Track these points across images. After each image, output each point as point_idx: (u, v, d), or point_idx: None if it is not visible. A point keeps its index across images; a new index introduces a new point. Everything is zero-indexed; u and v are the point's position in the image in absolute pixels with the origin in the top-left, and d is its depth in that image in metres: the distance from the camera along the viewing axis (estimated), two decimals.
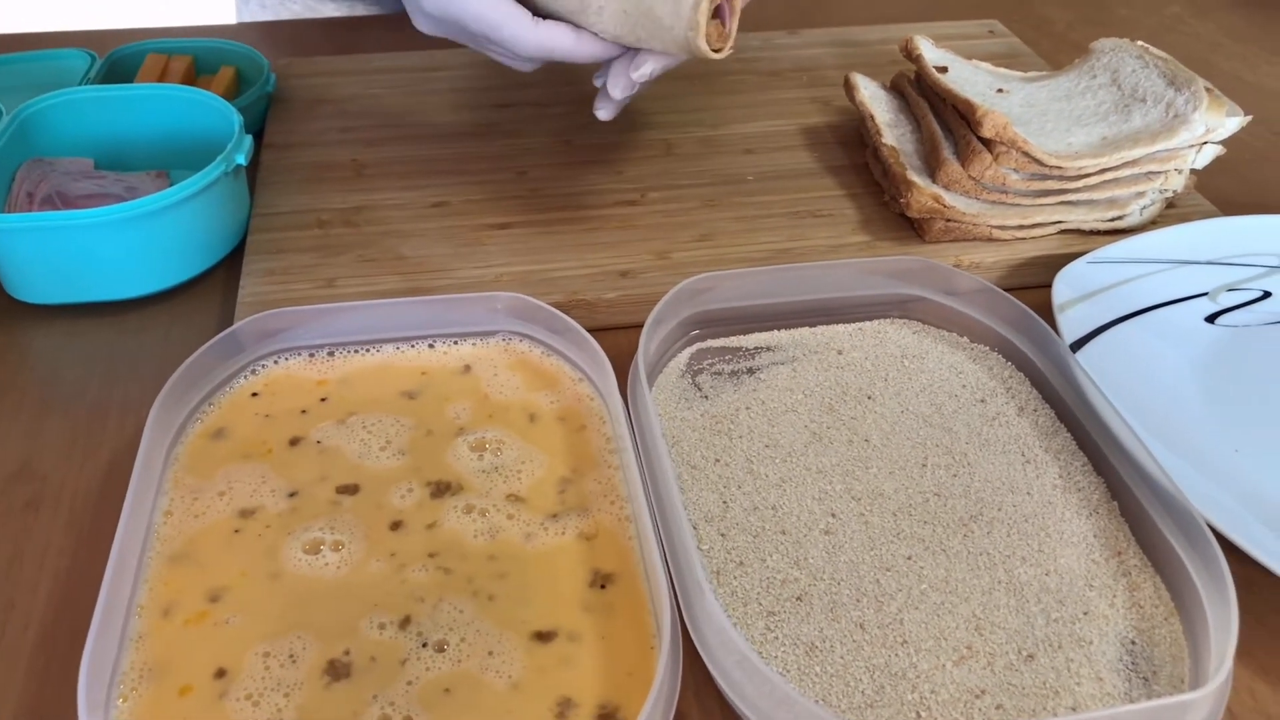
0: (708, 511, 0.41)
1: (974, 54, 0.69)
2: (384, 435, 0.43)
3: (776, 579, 0.38)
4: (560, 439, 0.43)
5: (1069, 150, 0.54)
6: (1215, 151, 0.55)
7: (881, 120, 0.59)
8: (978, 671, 0.35)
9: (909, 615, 0.37)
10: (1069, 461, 0.43)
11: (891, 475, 0.42)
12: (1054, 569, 0.39)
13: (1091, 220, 0.55)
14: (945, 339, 0.50)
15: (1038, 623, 0.37)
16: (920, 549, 0.39)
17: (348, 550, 0.39)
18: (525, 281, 0.51)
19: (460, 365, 0.47)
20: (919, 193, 0.54)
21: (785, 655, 0.36)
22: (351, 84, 0.68)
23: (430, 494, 0.41)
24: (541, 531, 0.39)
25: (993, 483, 0.42)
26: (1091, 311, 0.50)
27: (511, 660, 0.35)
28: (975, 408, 0.46)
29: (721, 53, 0.46)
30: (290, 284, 0.51)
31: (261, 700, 0.34)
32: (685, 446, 0.44)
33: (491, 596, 0.37)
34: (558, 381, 0.46)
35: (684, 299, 0.47)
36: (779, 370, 0.48)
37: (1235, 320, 0.52)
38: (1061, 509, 0.41)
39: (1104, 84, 0.59)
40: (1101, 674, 0.36)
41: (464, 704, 0.34)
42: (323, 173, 0.59)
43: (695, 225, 0.56)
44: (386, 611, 0.36)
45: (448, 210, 0.56)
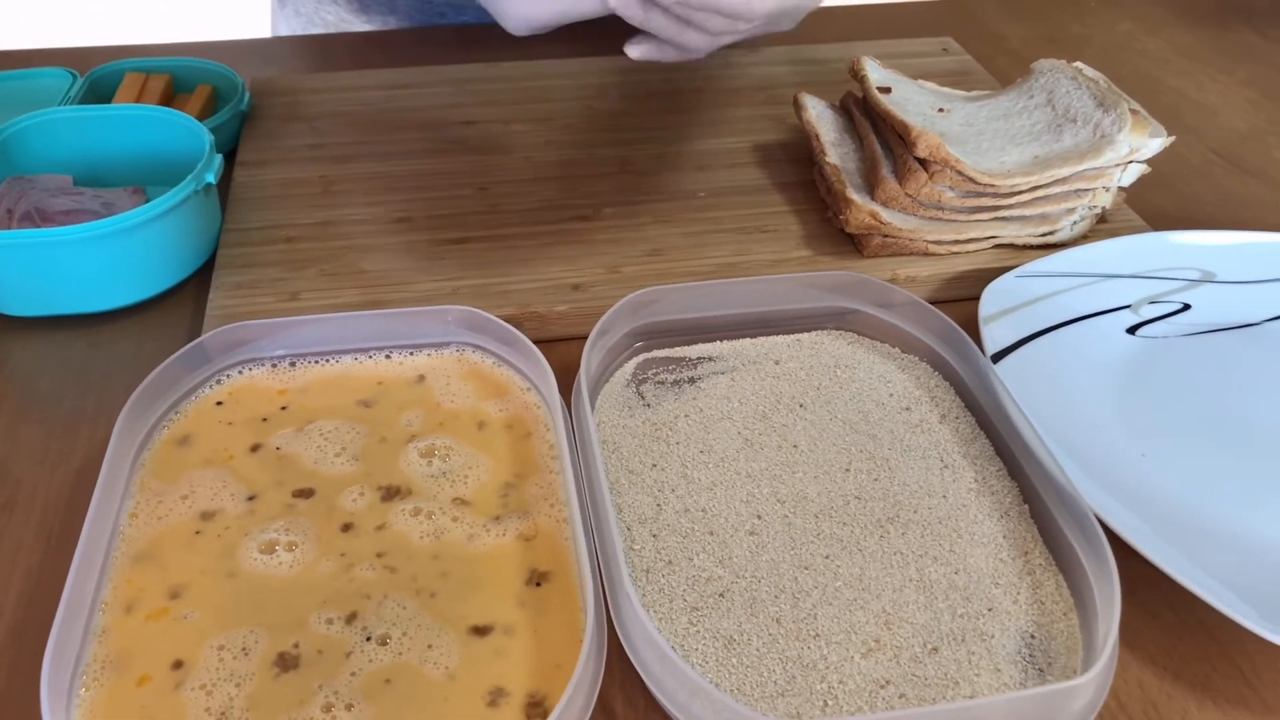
0: (642, 514, 0.43)
1: (928, 71, 0.72)
2: (340, 442, 0.46)
3: (702, 577, 0.41)
4: (506, 446, 0.46)
5: (1002, 168, 0.57)
6: (1140, 170, 0.58)
7: (826, 139, 0.62)
8: (884, 663, 0.38)
9: (823, 611, 0.40)
10: (985, 467, 0.46)
11: (816, 479, 0.45)
12: (963, 568, 0.41)
13: (1024, 235, 0.58)
14: (878, 350, 0.52)
15: (944, 618, 0.40)
16: (838, 549, 0.42)
17: (300, 550, 0.41)
18: (480, 294, 0.54)
19: (415, 375, 0.49)
20: (857, 210, 0.56)
21: (705, 648, 0.38)
22: (323, 102, 0.71)
23: (380, 498, 0.43)
24: (483, 533, 0.42)
25: (911, 486, 0.45)
26: (1016, 323, 0.53)
27: (449, 653, 0.38)
28: (900, 415, 0.48)
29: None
30: (256, 297, 0.54)
31: (214, 690, 0.36)
32: (625, 452, 0.46)
33: (433, 594, 0.40)
34: (507, 391, 0.49)
35: (628, 312, 0.50)
36: (719, 380, 0.50)
37: (1155, 332, 0.55)
38: (975, 512, 0.44)
39: (1040, 104, 0.61)
40: (1000, 665, 0.38)
41: (403, 693, 0.36)
42: (292, 189, 0.62)
43: (646, 240, 0.58)
44: (334, 608, 0.39)
45: (410, 225, 0.59)
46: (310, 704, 0.36)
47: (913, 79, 0.65)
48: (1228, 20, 0.90)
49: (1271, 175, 0.69)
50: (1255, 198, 0.67)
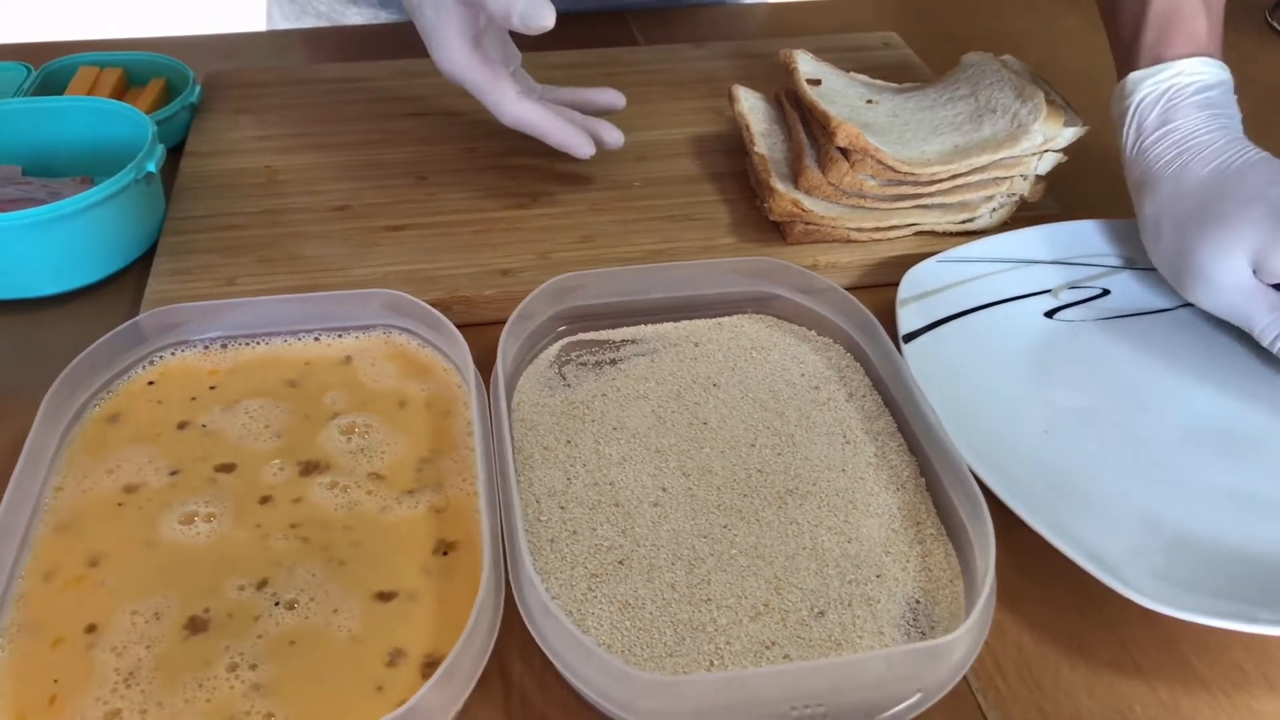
0: (552, 487, 0.45)
1: (868, 65, 0.74)
2: (264, 419, 0.47)
3: (603, 546, 0.42)
4: (426, 423, 0.48)
5: (923, 158, 0.58)
6: (1056, 159, 0.59)
7: (757, 130, 0.63)
8: (772, 626, 0.40)
9: (716, 577, 0.41)
10: (886, 443, 0.47)
11: (722, 454, 0.47)
12: (856, 537, 0.43)
13: (944, 223, 0.59)
14: (795, 333, 0.54)
15: (833, 584, 0.41)
16: (736, 519, 0.44)
17: (218, 521, 0.43)
18: (411, 279, 0.55)
19: (342, 356, 0.51)
20: (780, 198, 0.58)
21: (600, 612, 0.40)
22: (274, 95, 0.72)
23: (300, 472, 0.45)
24: (396, 505, 0.44)
25: (812, 461, 0.46)
26: (932, 306, 0.54)
27: (353, 616, 0.39)
28: (809, 394, 0.50)
29: None
30: (193, 282, 0.55)
31: (125, 651, 0.38)
32: (541, 430, 0.48)
33: (343, 562, 0.41)
34: (430, 371, 0.50)
35: (550, 296, 0.51)
36: (639, 361, 0.52)
37: (1072, 315, 0.56)
38: (872, 484, 0.45)
39: (964, 95, 0.63)
40: (884, 629, 0.40)
41: (306, 654, 0.38)
42: (237, 179, 0.64)
43: (579, 228, 0.60)
44: (247, 575, 0.41)
45: (348, 213, 0.61)
46: (216, 664, 0.37)
47: (845, 72, 0.67)
48: None
49: None
50: None
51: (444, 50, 0.56)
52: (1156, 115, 0.54)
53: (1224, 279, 0.50)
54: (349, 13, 0.88)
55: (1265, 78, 0.83)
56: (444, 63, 0.57)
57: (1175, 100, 0.54)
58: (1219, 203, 0.50)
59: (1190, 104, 0.54)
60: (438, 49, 0.56)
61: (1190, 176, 0.52)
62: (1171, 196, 0.53)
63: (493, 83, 0.57)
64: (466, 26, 0.55)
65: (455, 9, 0.55)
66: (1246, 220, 0.49)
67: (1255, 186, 0.50)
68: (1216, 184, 0.51)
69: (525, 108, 0.57)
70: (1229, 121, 0.54)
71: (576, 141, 0.58)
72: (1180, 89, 0.54)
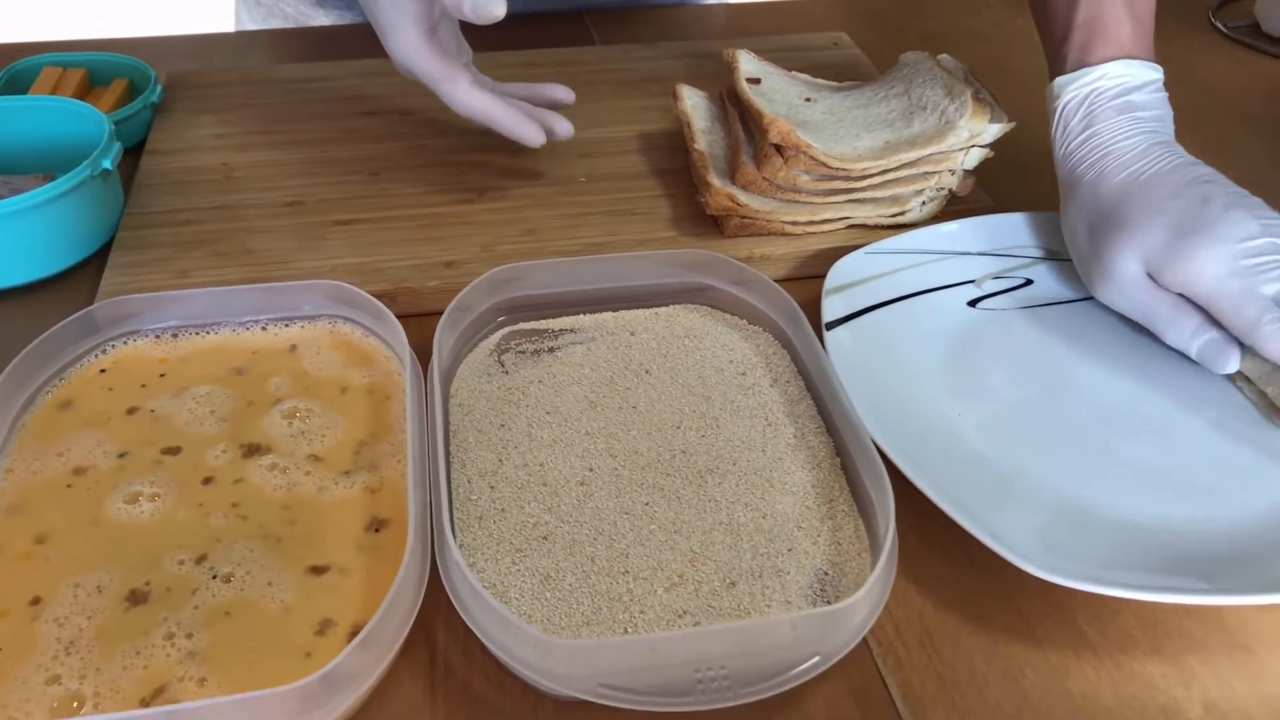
0: (483, 468, 0.47)
1: (816, 64, 0.76)
2: (210, 405, 0.49)
3: (530, 522, 0.44)
4: (365, 408, 0.50)
5: (854, 153, 0.60)
6: (982, 154, 0.61)
7: (698, 127, 0.65)
8: (684, 596, 0.42)
9: (635, 551, 0.43)
10: (805, 425, 0.49)
11: (648, 436, 0.49)
12: (771, 513, 0.45)
13: (875, 216, 0.61)
14: (727, 322, 0.56)
15: (746, 557, 0.43)
16: (658, 496, 0.46)
17: (162, 501, 0.45)
18: (358, 271, 0.57)
19: (288, 345, 0.53)
20: (715, 193, 0.60)
21: (523, 584, 0.42)
22: (234, 95, 0.74)
23: (242, 454, 0.47)
24: (333, 485, 0.46)
25: (734, 442, 0.48)
26: (858, 296, 0.56)
27: (286, 589, 0.41)
28: (735, 380, 0.52)
29: None
30: (147, 275, 0.57)
31: (66, 622, 0.40)
32: (477, 414, 0.50)
33: (279, 538, 0.43)
34: (372, 359, 0.52)
35: (488, 287, 0.53)
36: (576, 349, 0.54)
37: (994, 305, 0.58)
38: (789, 464, 0.47)
39: (898, 93, 0.65)
40: (791, 598, 0.42)
41: (239, 623, 0.40)
42: (194, 176, 0.65)
43: (523, 222, 0.62)
44: (187, 550, 0.43)
45: (300, 209, 0.63)
46: (153, 634, 0.39)
47: (787, 71, 0.69)
48: None
49: None
50: None
51: (399, 43, 0.58)
52: (1079, 119, 0.56)
53: (1126, 282, 0.52)
54: (316, 15, 0.90)
55: (1209, 76, 0.85)
56: (398, 55, 0.59)
57: (1096, 104, 0.56)
58: (1125, 209, 0.52)
59: (1111, 108, 0.56)
60: (393, 42, 0.58)
61: (1106, 182, 0.54)
62: (1088, 200, 0.55)
63: (446, 72, 0.59)
64: (421, 18, 0.57)
65: (409, 2, 0.56)
66: (1146, 230, 0.51)
67: (1159, 198, 0.52)
68: (1126, 191, 0.53)
69: (477, 97, 0.59)
70: (1155, 124, 0.56)
71: (526, 130, 0.60)
72: (1102, 93, 0.56)
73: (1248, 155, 0.75)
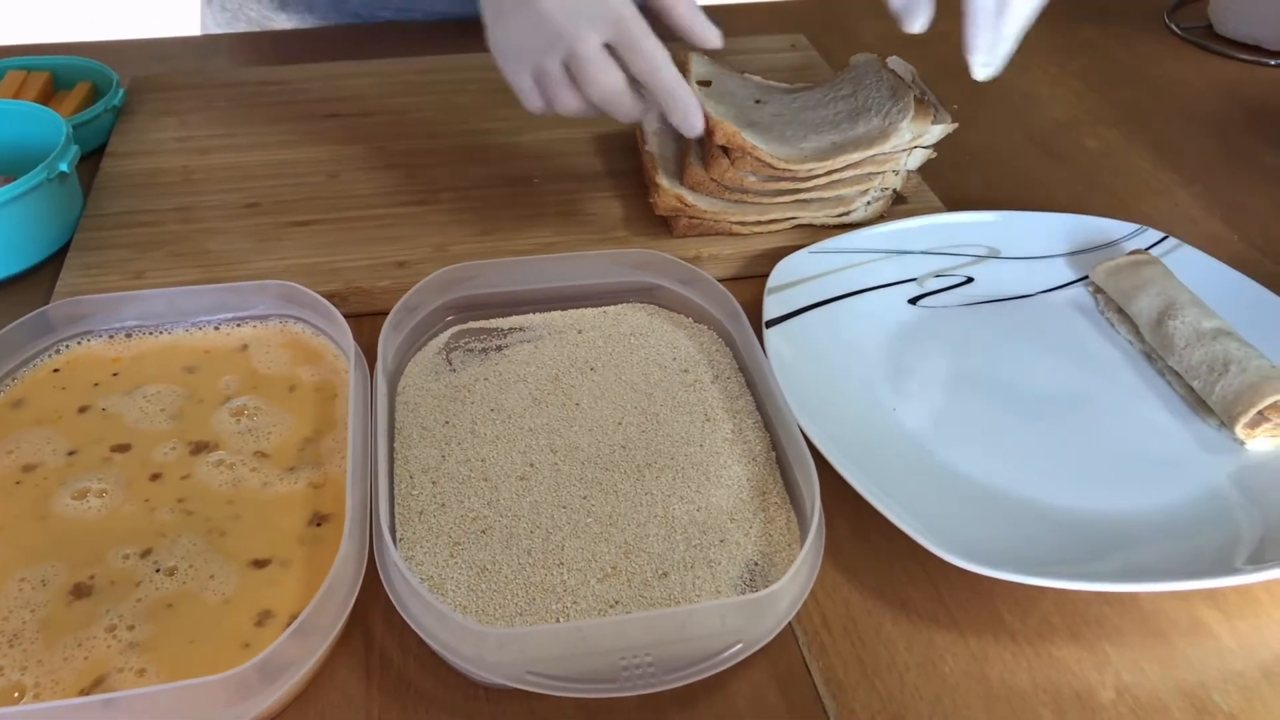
0: (426, 464, 0.48)
1: (772, 66, 0.77)
2: (160, 403, 0.50)
3: (469, 517, 0.46)
4: (313, 406, 0.51)
5: (800, 155, 0.61)
6: (926, 155, 0.63)
7: (649, 129, 0.66)
8: (617, 587, 0.43)
9: (570, 543, 0.44)
10: (743, 420, 0.51)
11: (590, 432, 0.50)
12: (705, 505, 0.46)
13: (822, 216, 0.63)
14: (673, 320, 0.57)
15: (679, 548, 0.44)
16: (596, 490, 0.47)
17: (109, 496, 0.46)
18: (311, 271, 0.58)
19: (240, 344, 0.54)
20: (664, 193, 0.61)
21: (459, 576, 0.43)
22: (197, 98, 0.75)
23: (190, 451, 0.48)
24: (277, 481, 0.47)
25: (673, 437, 0.50)
26: (800, 294, 0.58)
27: (228, 582, 0.42)
28: (678, 376, 0.53)
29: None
30: (103, 276, 0.58)
31: (10, 615, 0.41)
32: (423, 411, 0.51)
33: (223, 533, 0.44)
34: (321, 358, 0.53)
35: (437, 287, 0.55)
36: (524, 347, 0.55)
37: (936, 302, 0.60)
38: (725, 458, 0.49)
39: (845, 95, 0.66)
40: (721, 588, 0.43)
41: (181, 615, 0.41)
42: (154, 178, 0.66)
43: (477, 222, 0.63)
44: (132, 545, 0.44)
45: (258, 210, 0.64)
46: (95, 625, 0.40)
47: (739, 74, 0.70)
48: (1074, 17, 0.95)
49: (1077, 161, 0.74)
50: (1056, 181, 0.72)
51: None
52: None
53: None
54: (278, 19, 0.91)
55: (1162, 77, 0.86)
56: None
57: None
58: None
59: None
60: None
61: None
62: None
63: None
64: None
65: None
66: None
67: None
68: None
69: None
70: None
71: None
72: None
73: (1196, 153, 0.76)
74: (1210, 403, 0.51)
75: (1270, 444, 0.50)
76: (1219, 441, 0.51)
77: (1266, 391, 0.49)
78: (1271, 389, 0.49)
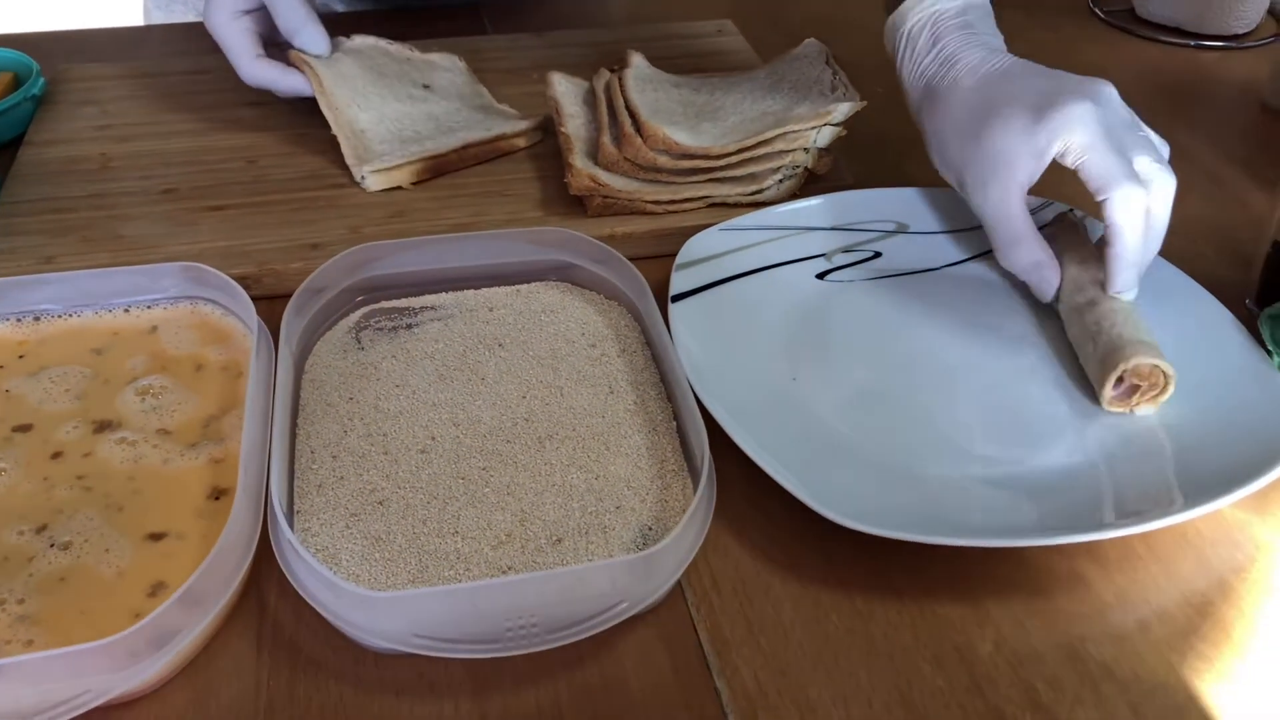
0: (327, 439, 0.48)
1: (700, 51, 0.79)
2: (65, 384, 0.51)
3: (366, 489, 0.46)
4: (218, 385, 0.51)
5: (711, 135, 0.62)
6: (834, 132, 0.64)
7: (566, 111, 0.67)
8: (511, 553, 0.44)
9: (466, 513, 0.45)
10: (646, 392, 0.51)
11: (493, 406, 0.50)
12: (603, 474, 0.47)
13: (735, 194, 0.64)
14: (585, 297, 0.58)
15: (575, 516, 0.45)
16: (496, 461, 0.47)
17: (8, 475, 0.46)
18: (225, 254, 0.59)
19: (149, 326, 0.54)
20: (578, 173, 0.62)
21: (354, 547, 0.44)
22: (120, 87, 0.75)
23: (93, 430, 0.48)
24: (178, 457, 0.47)
25: (576, 409, 0.50)
26: (708, 270, 0.58)
27: (123, 555, 0.43)
28: (585, 351, 0.54)
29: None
30: (13, 261, 0.58)
31: None
32: (327, 388, 0.51)
33: (121, 508, 0.45)
34: (229, 338, 0.54)
35: (343, 268, 0.55)
36: (434, 325, 0.56)
37: (843, 277, 0.61)
38: (626, 428, 0.49)
39: (762, 77, 0.67)
40: (614, 552, 0.44)
41: (74, 588, 0.41)
42: (71, 166, 0.66)
43: (392, 205, 0.64)
44: (28, 521, 0.44)
45: (174, 196, 0.64)
46: None
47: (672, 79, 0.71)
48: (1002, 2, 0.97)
49: None
50: None
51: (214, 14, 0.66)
52: (926, 39, 0.60)
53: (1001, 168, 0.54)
54: None
55: (1086, 60, 0.88)
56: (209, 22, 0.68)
57: (940, 23, 0.59)
58: (990, 95, 0.56)
59: (954, 25, 0.59)
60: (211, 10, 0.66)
61: (962, 84, 0.57)
62: (951, 103, 0.58)
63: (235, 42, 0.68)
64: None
65: None
66: (1018, 102, 0.54)
67: (1020, 83, 0.55)
68: (987, 82, 0.56)
69: (261, 66, 0.68)
70: (991, 38, 0.60)
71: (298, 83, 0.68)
72: (943, 14, 0.59)
73: None
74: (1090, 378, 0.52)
75: (1152, 410, 0.51)
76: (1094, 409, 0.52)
77: (1111, 366, 0.50)
78: (1115, 361, 0.49)
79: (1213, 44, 0.90)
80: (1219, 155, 0.76)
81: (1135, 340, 0.50)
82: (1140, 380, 0.49)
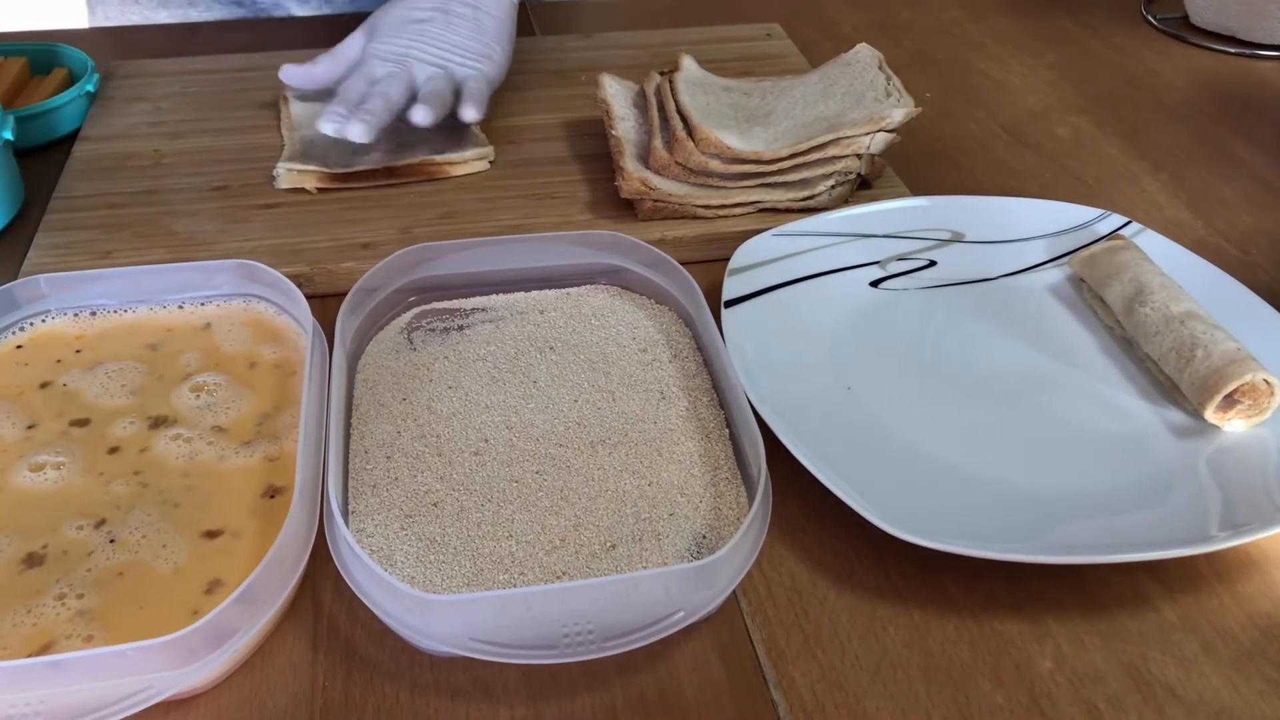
0: (381, 439, 0.48)
1: (748, 55, 0.78)
2: (121, 379, 0.51)
3: (421, 490, 0.46)
4: (272, 382, 0.51)
5: (763, 140, 0.62)
6: (888, 139, 0.63)
7: (616, 114, 0.67)
8: (565, 558, 0.43)
9: (520, 516, 0.45)
10: (699, 398, 0.51)
11: (545, 409, 0.50)
12: (656, 480, 0.47)
13: (786, 200, 0.63)
14: (635, 301, 0.57)
15: (628, 522, 0.45)
16: (549, 465, 0.47)
17: (66, 469, 0.46)
18: (277, 252, 0.59)
19: (203, 323, 0.54)
20: (629, 176, 0.62)
21: (409, 549, 0.43)
22: (171, 84, 0.76)
23: (149, 426, 0.49)
24: (234, 455, 0.47)
25: (628, 414, 0.50)
26: (761, 276, 0.58)
27: (180, 551, 0.43)
28: (636, 355, 0.54)
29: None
30: (71, 256, 0.59)
31: None
32: (381, 388, 0.51)
33: (177, 504, 0.45)
34: (283, 336, 0.54)
35: (396, 268, 0.55)
36: (485, 327, 0.56)
37: (896, 285, 0.60)
38: (679, 435, 0.49)
39: (814, 83, 0.67)
40: (668, 559, 0.43)
41: (131, 584, 0.42)
42: (125, 162, 0.67)
43: (442, 205, 0.64)
44: (87, 516, 0.44)
45: (226, 193, 0.64)
46: (45, 594, 0.41)
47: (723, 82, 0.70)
48: (1050, 8, 0.96)
49: (1046, 148, 0.75)
50: (1026, 168, 0.72)
51: None
52: None
53: None
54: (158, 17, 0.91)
55: (1136, 67, 0.87)
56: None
57: None
58: None
59: None
60: None
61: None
62: None
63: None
64: None
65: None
66: None
67: None
68: None
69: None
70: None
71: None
72: None
73: (1166, 142, 0.76)
74: (1183, 389, 0.51)
75: (1244, 426, 0.50)
76: (1185, 423, 0.51)
77: (1231, 376, 0.49)
78: (1235, 373, 0.49)
79: (1267, 53, 0.89)
80: (1273, 164, 0.74)
81: (1247, 357, 0.50)
82: (1243, 397, 0.49)
